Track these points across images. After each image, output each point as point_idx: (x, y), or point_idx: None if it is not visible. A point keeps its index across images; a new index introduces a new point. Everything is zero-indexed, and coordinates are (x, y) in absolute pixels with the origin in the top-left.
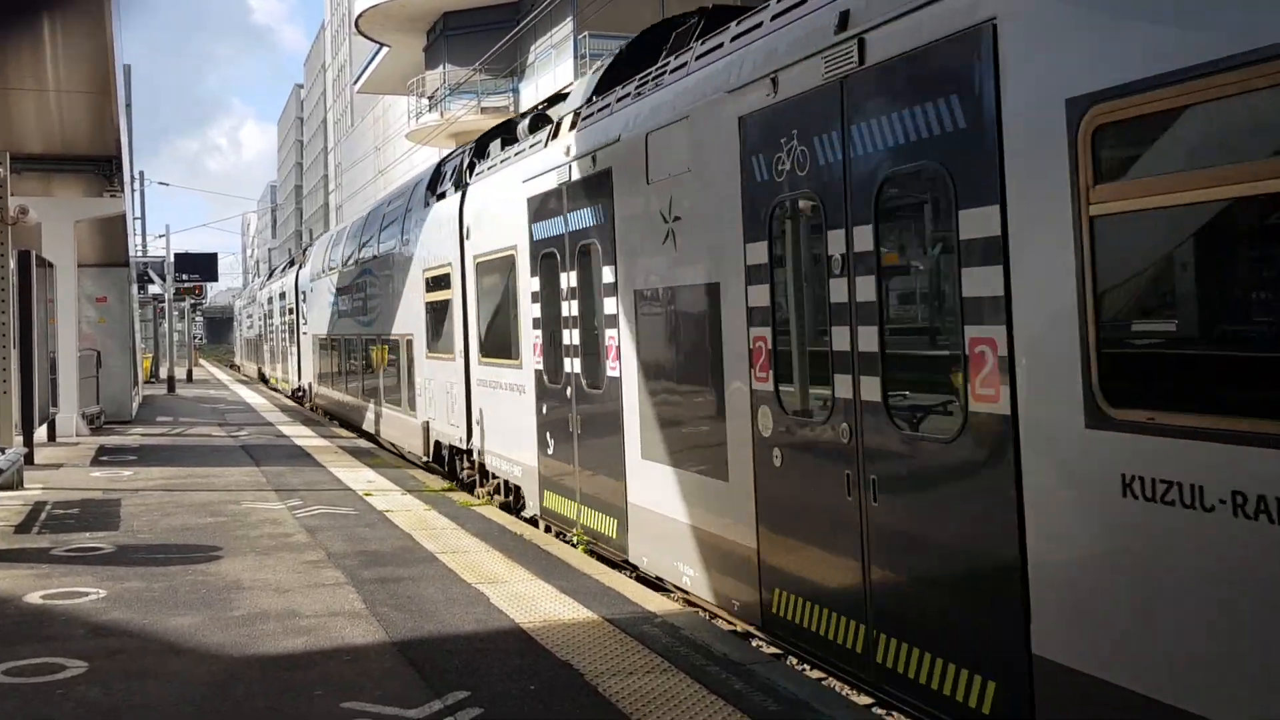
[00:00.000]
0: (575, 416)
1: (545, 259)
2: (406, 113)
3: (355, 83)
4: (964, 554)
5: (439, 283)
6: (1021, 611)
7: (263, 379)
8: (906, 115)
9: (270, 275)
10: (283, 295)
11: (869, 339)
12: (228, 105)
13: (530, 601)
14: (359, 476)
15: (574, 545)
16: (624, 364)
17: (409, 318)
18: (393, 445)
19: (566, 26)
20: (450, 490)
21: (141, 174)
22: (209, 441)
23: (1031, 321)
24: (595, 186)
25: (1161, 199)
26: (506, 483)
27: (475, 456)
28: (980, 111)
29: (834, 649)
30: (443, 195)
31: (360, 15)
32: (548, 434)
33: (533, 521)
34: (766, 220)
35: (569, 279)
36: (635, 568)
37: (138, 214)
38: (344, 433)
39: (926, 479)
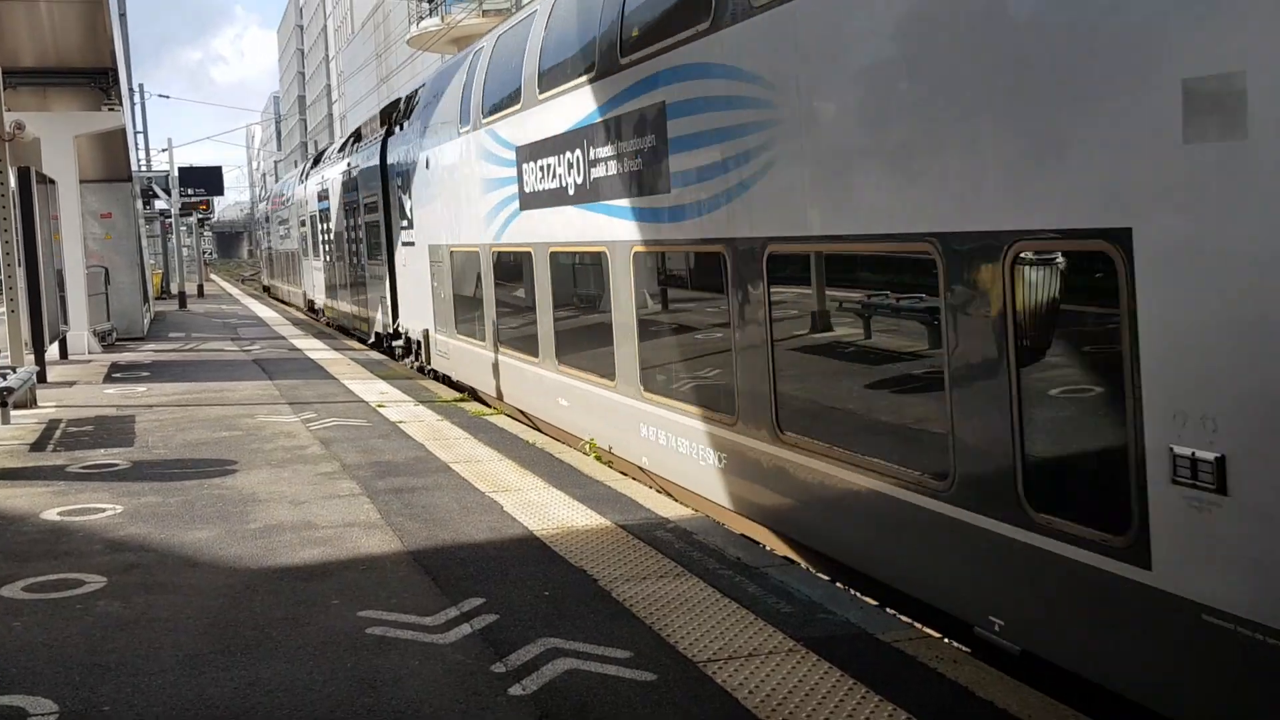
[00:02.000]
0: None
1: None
2: (407, 17)
3: None
4: None
5: None
6: None
7: (312, 309)
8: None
9: (317, 160)
10: (352, 180)
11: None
12: (229, 12)
13: (543, 509)
14: (372, 389)
15: (586, 453)
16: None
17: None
18: None
19: None
20: (463, 400)
21: (141, 86)
22: (221, 356)
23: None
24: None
25: None
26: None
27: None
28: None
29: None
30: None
31: None
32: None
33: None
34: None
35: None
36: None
37: (139, 128)
38: (356, 345)
39: None
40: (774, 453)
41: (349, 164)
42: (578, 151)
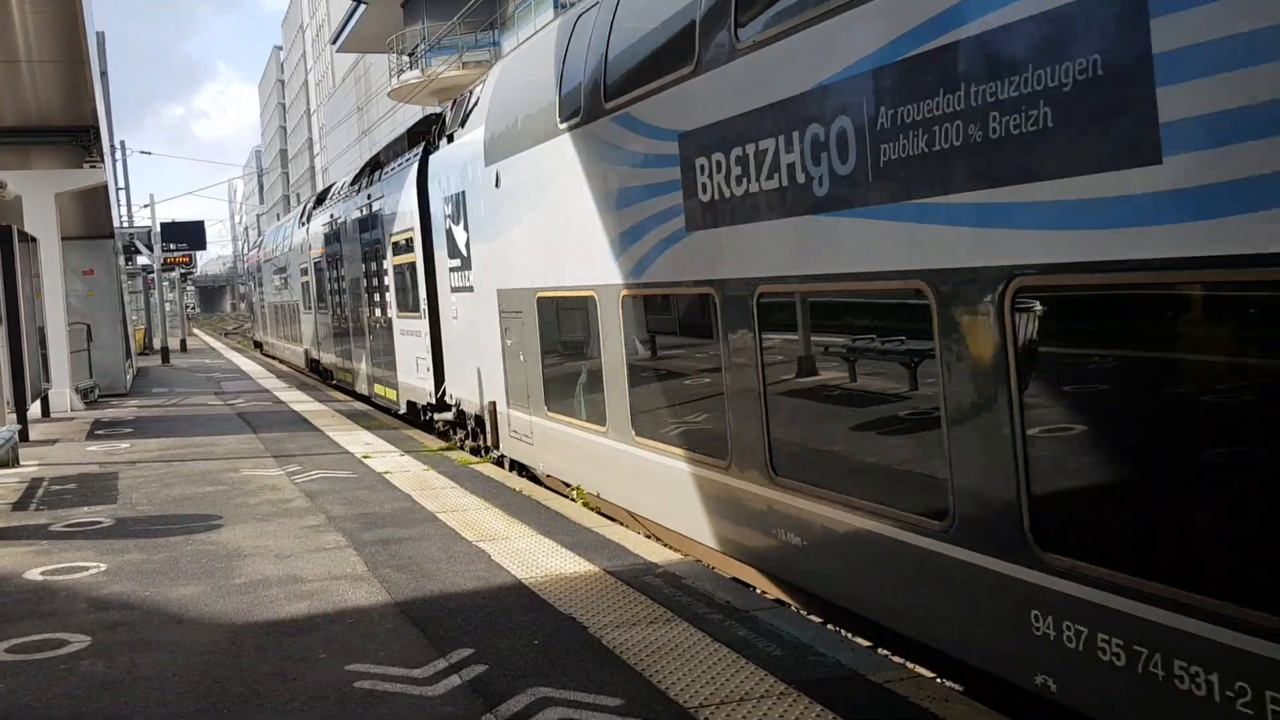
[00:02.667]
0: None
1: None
2: (388, 71)
3: (335, 42)
4: None
5: None
6: None
7: (316, 369)
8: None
9: (321, 198)
10: (373, 215)
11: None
12: (212, 68)
13: (531, 557)
14: (357, 439)
15: (574, 499)
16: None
17: None
18: None
19: None
20: (449, 449)
21: (123, 143)
22: (205, 411)
23: None
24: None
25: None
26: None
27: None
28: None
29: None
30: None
31: None
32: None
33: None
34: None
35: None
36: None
37: (121, 184)
38: (340, 396)
39: None
40: None
41: (368, 195)
42: (841, 121)
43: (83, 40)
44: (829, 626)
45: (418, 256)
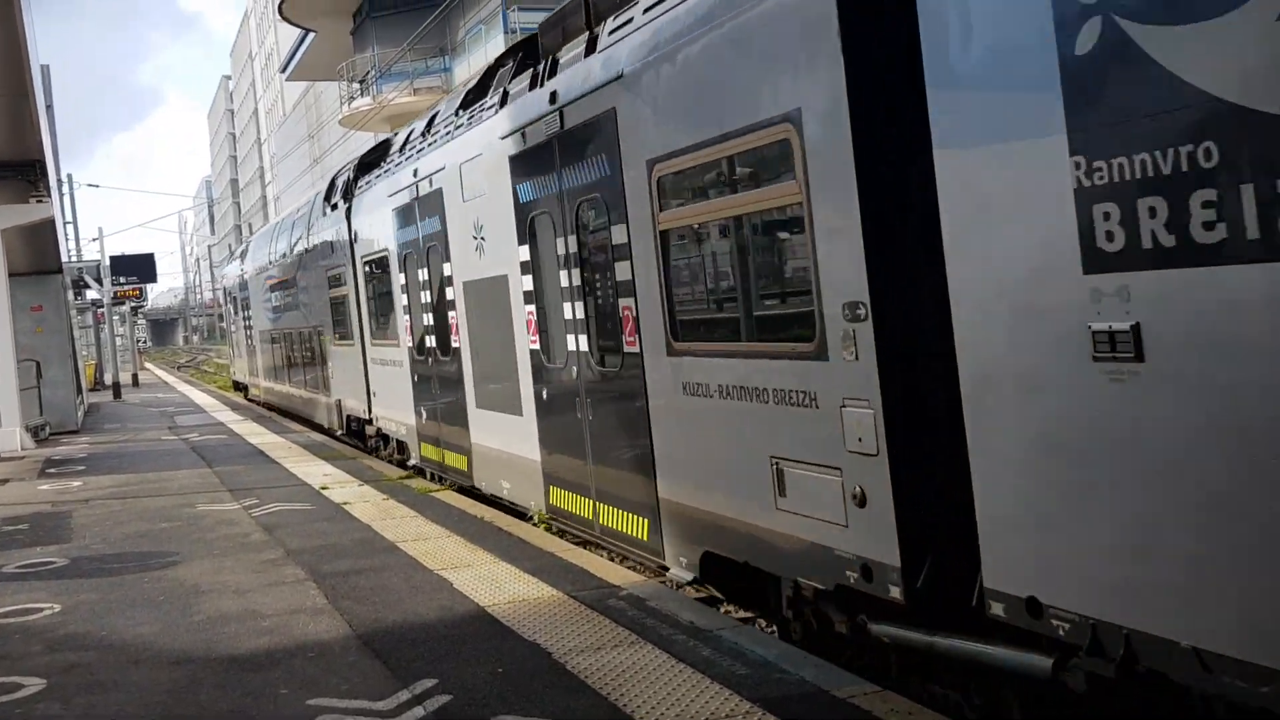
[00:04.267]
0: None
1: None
2: (339, 98)
3: (284, 70)
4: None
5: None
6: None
7: (358, 434)
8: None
9: (365, 166)
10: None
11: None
12: (161, 96)
13: (494, 584)
14: (315, 471)
15: (535, 523)
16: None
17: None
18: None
19: (495, 1)
20: (408, 479)
21: (70, 176)
22: (159, 446)
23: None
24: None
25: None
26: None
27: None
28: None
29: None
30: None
31: (283, 1)
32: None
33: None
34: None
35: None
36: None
37: (68, 218)
38: (297, 427)
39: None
40: None
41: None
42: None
43: (26, 74)
44: (791, 644)
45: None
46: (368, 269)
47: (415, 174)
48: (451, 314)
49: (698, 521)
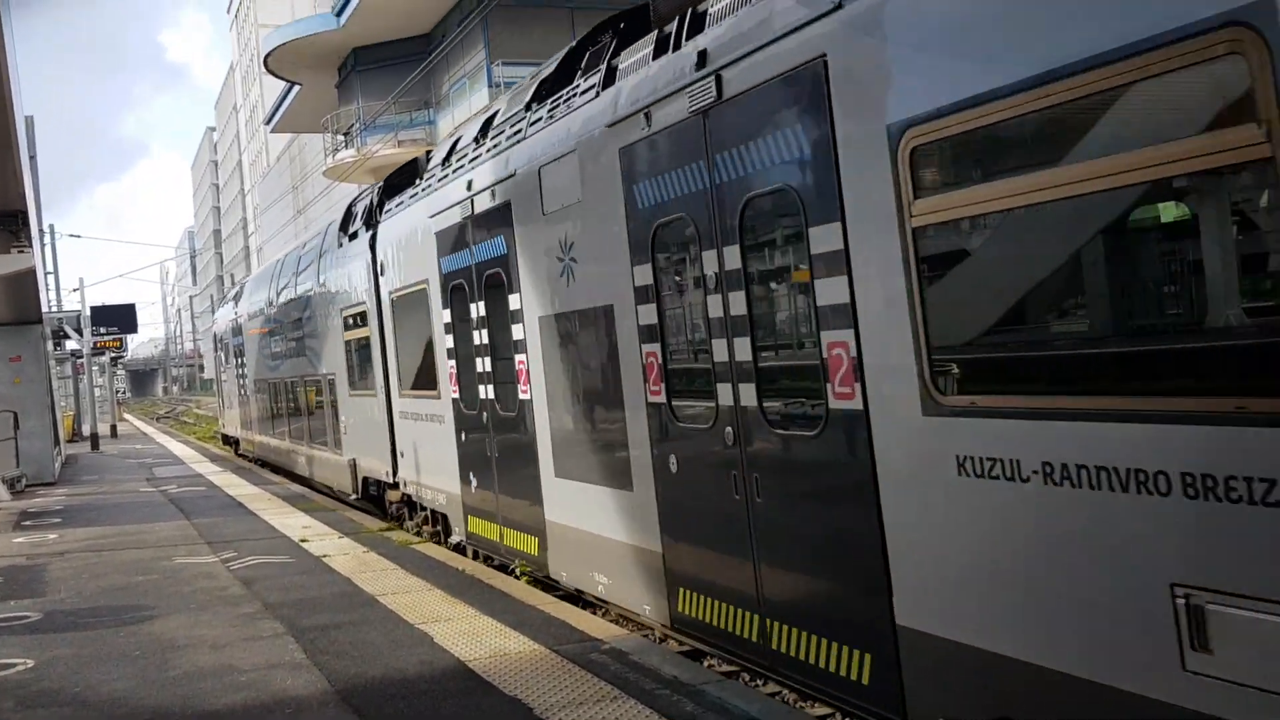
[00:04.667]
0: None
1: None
2: (323, 150)
3: (269, 122)
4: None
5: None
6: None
7: (376, 498)
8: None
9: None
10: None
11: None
12: (146, 147)
13: (475, 638)
14: (294, 523)
15: (517, 576)
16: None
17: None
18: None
19: (479, 55)
20: (389, 530)
21: (52, 227)
22: (136, 498)
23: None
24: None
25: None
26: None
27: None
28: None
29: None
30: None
31: (269, 55)
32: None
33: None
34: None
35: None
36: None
37: (50, 268)
38: (276, 478)
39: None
40: None
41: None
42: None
43: (11, 126)
44: (776, 698)
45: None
46: (398, 306)
47: (469, 187)
48: (520, 359)
49: (984, 672)
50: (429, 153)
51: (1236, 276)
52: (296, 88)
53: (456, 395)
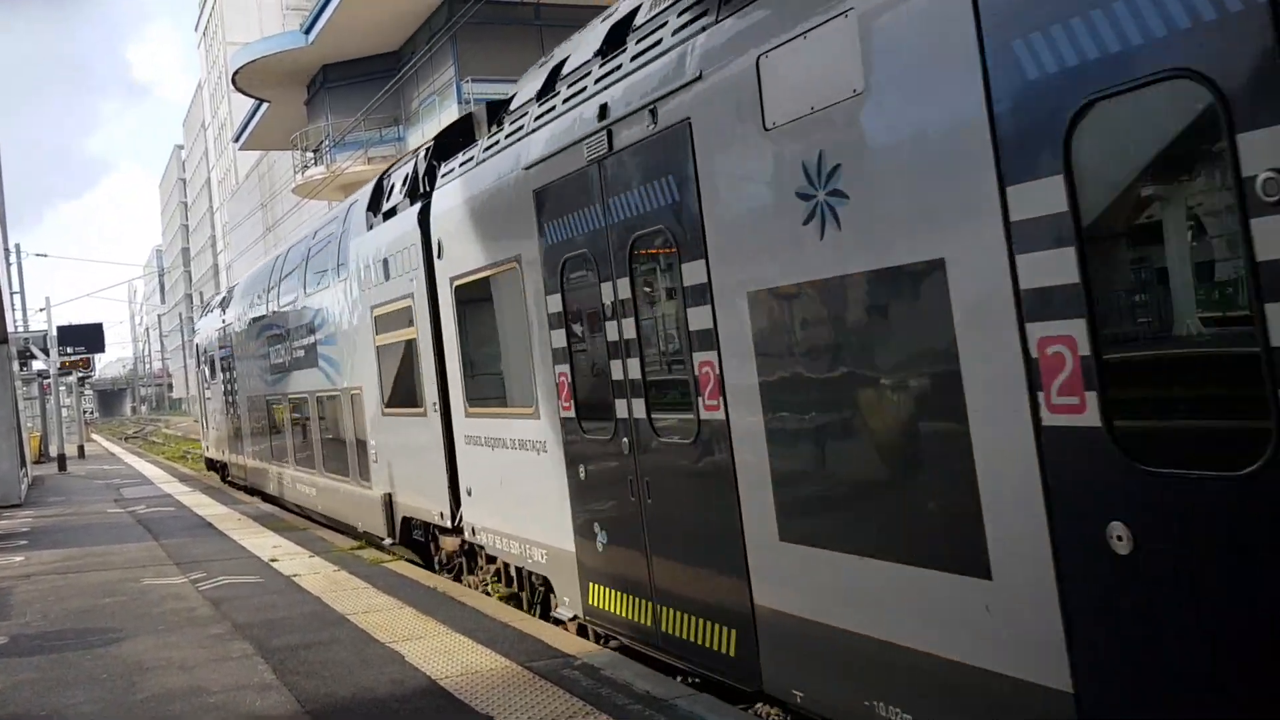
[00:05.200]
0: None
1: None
2: (292, 167)
3: (237, 140)
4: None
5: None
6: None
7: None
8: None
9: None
10: None
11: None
12: (114, 165)
13: (447, 655)
14: (264, 543)
15: (489, 594)
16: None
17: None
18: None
19: (449, 72)
20: (360, 549)
21: (18, 246)
22: (104, 519)
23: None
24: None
25: None
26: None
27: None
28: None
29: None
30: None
31: (237, 72)
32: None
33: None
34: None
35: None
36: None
37: (15, 288)
38: (246, 498)
39: None
40: None
41: None
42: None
43: None
44: (749, 711)
45: None
46: (465, 296)
47: (604, 114)
48: (704, 359)
49: (829, 645)
50: (495, 102)
51: None
52: (265, 105)
53: (570, 414)
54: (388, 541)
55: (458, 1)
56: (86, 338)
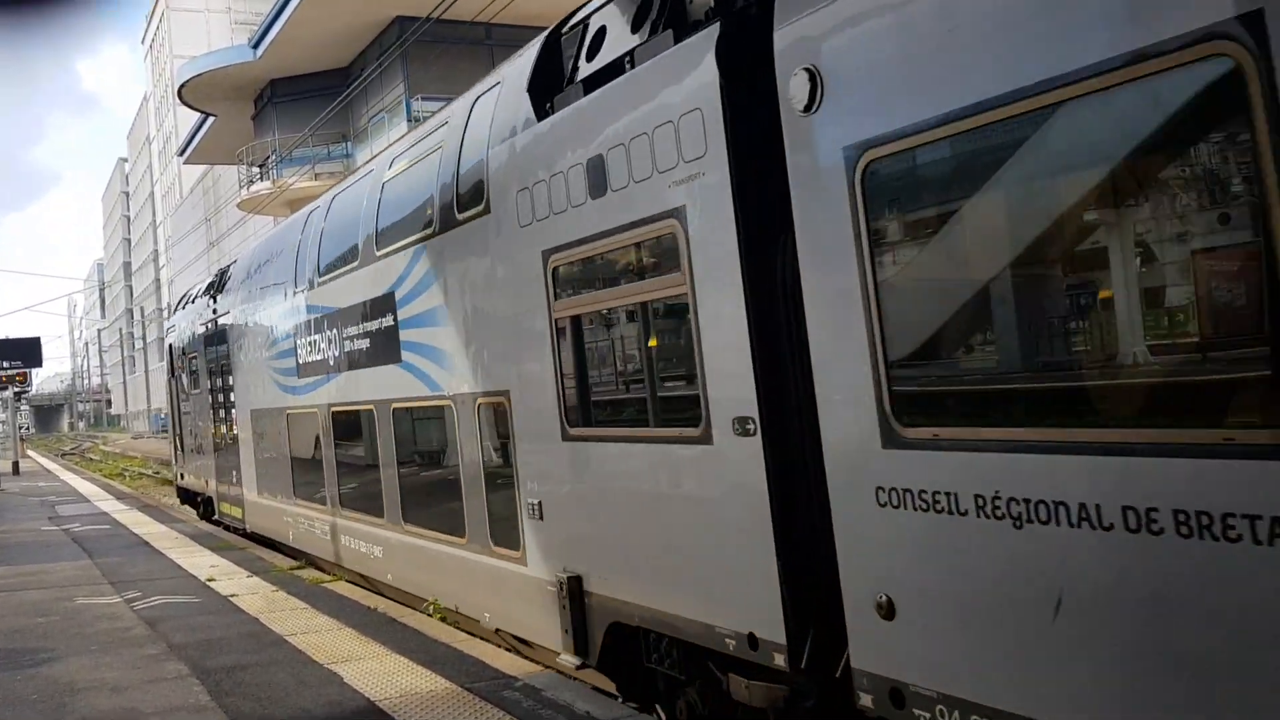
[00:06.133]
0: None
1: None
2: (238, 182)
3: (182, 154)
4: None
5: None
6: None
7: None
8: None
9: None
10: None
11: None
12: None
13: (386, 677)
14: (201, 562)
15: (429, 613)
16: None
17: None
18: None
19: (398, 90)
20: (300, 569)
21: None
22: (37, 537)
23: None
24: None
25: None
26: None
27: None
28: None
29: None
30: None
31: (183, 85)
32: None
33: None
34: None
35: None
36: None
37: None
38: (183, 516)
39: None
40: None
41: None
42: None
43: None
44: None
45: None
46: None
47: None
48: None
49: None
50: None
51: None
52: (211, 119)
53: None
54: (570, 661)
55: (408, 19)
56: (24, 352)
